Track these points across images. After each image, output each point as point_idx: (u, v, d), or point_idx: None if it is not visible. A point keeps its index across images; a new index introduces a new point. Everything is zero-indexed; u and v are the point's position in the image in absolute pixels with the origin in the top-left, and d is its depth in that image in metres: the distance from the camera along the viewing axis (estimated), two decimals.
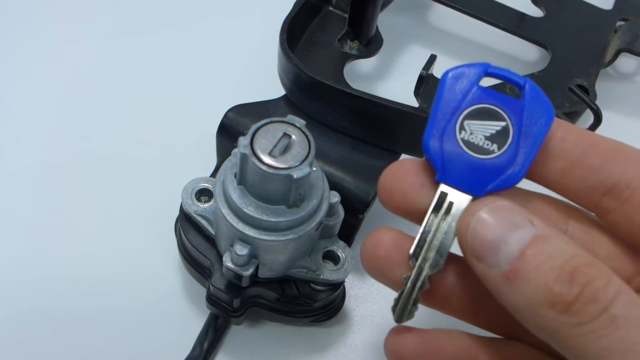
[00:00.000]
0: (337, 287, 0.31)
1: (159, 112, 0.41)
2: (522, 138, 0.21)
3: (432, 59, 0.36)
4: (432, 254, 0.22)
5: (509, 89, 0.29)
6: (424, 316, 0.24)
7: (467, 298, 0.23)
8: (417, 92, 0.36)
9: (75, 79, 0.42)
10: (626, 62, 0.47)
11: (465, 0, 0.44)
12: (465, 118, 0.22)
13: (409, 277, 0.22)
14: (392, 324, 0.34)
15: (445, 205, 0.21)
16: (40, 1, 0.46)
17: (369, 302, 0.35)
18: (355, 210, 0.32)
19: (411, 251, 0.22)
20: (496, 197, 0.21)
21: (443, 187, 0.22)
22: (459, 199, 0.21)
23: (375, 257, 0.23)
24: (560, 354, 0.20)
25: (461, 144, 0.21)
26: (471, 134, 0.21)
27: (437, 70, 0.37)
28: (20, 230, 0.36)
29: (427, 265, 0.22)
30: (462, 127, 0.21)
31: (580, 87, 0.41)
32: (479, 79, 0.22)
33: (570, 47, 0.43)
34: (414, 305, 0.22)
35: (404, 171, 0.22)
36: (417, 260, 0.22)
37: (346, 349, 0.34)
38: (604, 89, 0.42)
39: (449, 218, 0.21)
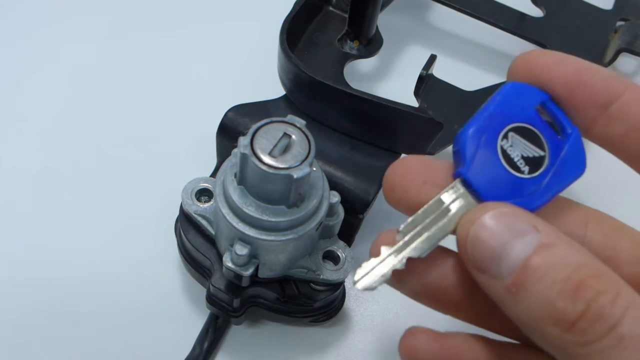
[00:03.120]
0: (337, 287, 0.31)
1: (158, 112, 0.41)
2: (552, 175, 0.21)
3: (432, 59, 0.36)
4: (419, 240, 0.21)
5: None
6: (442, 321, 0.23)
7: (482, 303, 0.22)
8: (417, 92, 0.36)
9: (75, 79, 0.42)
10: (626, 62, 0.47)
11: (465, 0, 0.44)
12: (513, 130, 0.21)
13: (388, 249, 0.21)
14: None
15: (452, 200, 0.21)
16: (41, 1, 0.46)
17: (369, 302, 0.35)
18: (355, 210, 0.32)
19: (401, 227, 0.21)
20: (497, 203, 0.20)
21: (457, 184, 0.21)
22: (467, 200, 0.21)
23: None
24: None
25: (498, 149, 0.21)
26: (511, 146, 0.21)
27: (437, 70, 0.37)
28: (20, 231, 0.36)
29: (410, 248, 0.21)
30: (505, 136, 0.21)
31: None
32: (536, 103, 0.22)
33: (570, 47, 0.43)
34: (379, 279, 0.21)
35: (406, 168, 0.22)
36: (402, 237, 0.21)
37: (346, 349, 0.34)
38: None
39: (450, 214, 0.21)
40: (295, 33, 0.37)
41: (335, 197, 0.29)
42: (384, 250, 0.21)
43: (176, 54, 0.44)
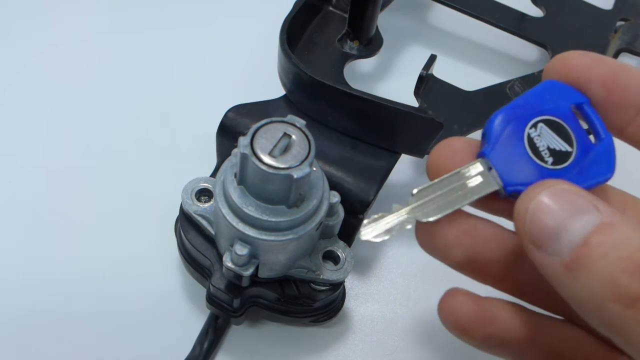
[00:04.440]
0: (337, 287, 0.31)
1: (159, 112, 0.41)
2: (575, 172, 0.21)
3: (432, 59, 0.36)
4: (431, 206, 0.21)
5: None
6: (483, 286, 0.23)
7: (524, 277, 0.22)
8: (417, 92, 0.36)
9: (75, 78, 0.42)
10: (626, 62, 0.47)
11: (465, 0, 0.44)
12: (543, 121, 0.22)
13: (399, 208, 0.21)
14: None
15: (471, 175, 0.21)
16: None
17: (369, 302, 0.35)
18: (355, 210, 0.32)
19: (415, 191, 0.21)
20: (557, 181, 0.20)
21: (478, 162, 0.21)
22: (485, 179, 0.21)
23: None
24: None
25: (525, 136, 0.21)
26: (539, 135, 0.21)
27: (437, 70, 0.37)
28: (20, 231, 0.36)
29: (421, 211, 0.21)
30: (534, 125, 0.22)
31: None
32: (573, 103, 0.22)
33: (570, 47, 0.42)
34: (386, 233, 0.21)
35: (453, 149, 0.22)
36: (415, 201, 0.21)
37: (346, 349, 0.34)
38: None
39: (466, 189, 0.21)
40: (295, 33, 0.37)
41: (335, 197, 0.29)
42: (395, 208, 0.22)
43: (176, 54, 0.44)
